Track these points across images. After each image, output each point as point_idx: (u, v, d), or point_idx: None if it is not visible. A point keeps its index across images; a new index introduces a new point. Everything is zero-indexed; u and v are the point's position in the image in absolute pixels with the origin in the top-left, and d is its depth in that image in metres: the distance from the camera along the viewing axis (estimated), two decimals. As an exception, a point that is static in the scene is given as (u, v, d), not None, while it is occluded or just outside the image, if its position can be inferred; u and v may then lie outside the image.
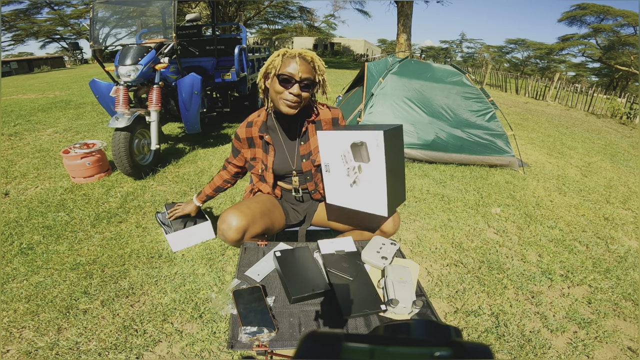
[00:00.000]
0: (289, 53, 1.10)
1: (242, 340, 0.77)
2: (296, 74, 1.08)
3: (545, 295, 1.72)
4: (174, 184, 2.76)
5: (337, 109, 1.31)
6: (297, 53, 1.09)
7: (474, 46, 43.58)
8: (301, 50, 1.11)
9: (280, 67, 1.09)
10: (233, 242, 1.16)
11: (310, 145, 1.27)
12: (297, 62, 1.07)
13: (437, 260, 1.95)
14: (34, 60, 21.16)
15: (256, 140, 1.29)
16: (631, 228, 2.53)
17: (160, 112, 3.00)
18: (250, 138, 1.30)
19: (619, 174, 3.81)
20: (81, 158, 2.66)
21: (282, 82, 1.10)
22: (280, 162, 1.28)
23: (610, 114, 8.80)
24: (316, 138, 1.26)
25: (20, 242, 1.94)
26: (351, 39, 34.30)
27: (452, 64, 3.90)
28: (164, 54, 2.97)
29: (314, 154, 1.27)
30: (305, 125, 1.26)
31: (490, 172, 3.36)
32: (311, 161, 1.27)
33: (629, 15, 19.94)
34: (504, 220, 2.45)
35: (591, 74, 30.81)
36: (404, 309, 0.86)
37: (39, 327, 1.37)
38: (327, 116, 1.28)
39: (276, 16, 26.11)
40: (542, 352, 1.38)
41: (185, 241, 1.89)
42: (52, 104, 6.14)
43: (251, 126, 1.29)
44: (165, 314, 1.46)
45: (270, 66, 1.11)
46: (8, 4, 22.07)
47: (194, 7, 10.54)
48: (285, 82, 1.09)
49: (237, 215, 1.15)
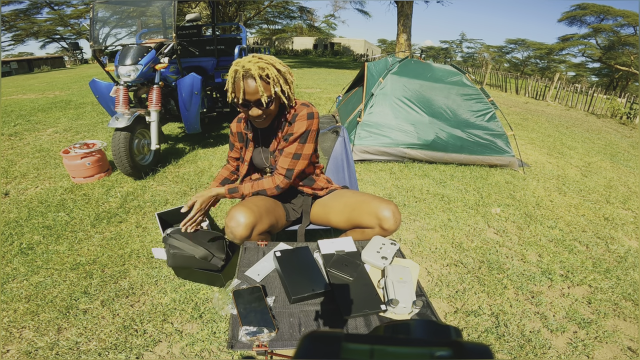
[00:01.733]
0: (238, 74, 1.06)
1: (242, 340, 0.77)
2: (250, 98, 1.08)
3: (545, 295, 1.72)
4: (174, 184, 2.76)
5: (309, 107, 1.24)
6: (242, 73, 1.05)
7: (474, 46, 43.61)
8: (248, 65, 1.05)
9: (235, 92, 1.09)
10: (241, 239, 1.16)
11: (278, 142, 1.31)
12: (246, 85, 1.06)
13: (437, 260, 1.95)
14: (34, 60, 21.17)
15: (242, 135, 1.37)
16: (631, 228, 2.53)
17: (160, 112, 3.00)
18: (239, 132, 1.38)
19: (619, 174, 3.81)
20: (81, 158, 2.66)
21: (241, 107, 1.13)
22: (257, 157, 1.36)
23: (610, 114, 8.80)
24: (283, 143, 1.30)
25: (20, 242, 1.94)
26: (351, 39, 34.29)
27: (452, 64, 3.90)
28: (164, 54, 2.97)
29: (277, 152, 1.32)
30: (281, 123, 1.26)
31: (490, 172, 3.36)
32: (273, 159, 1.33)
33: (629, 15, 19.95)
34: (504, 220, 2.45)
35: (591, 74, 30.81)
36: (404, 309, 0.86)
37: (39, 327, 1.37)
38: (301, 129, 1.22)
39: (276, 16, 26.15)
40: (542, 352, 1.38)
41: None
42: (52, 104, 6.14)
43: (240, 122, 1.37)
44: (165, 314, 1.46)
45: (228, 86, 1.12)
46: (8, 4, 22.08)
47: (194, 7, 10.54)
48: (243, 107, 1.12)
49: (245, 212, 1.15)
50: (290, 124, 1.23)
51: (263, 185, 1.29)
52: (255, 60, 1.08)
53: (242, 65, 1.07)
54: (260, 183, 1.29)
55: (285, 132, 1.25)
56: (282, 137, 1.27)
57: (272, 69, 1.08)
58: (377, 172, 3.19)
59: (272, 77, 1.08)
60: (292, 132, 1.23)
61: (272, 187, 1.28)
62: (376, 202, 1.22)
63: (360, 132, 3.33)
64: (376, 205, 1.21)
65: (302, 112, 1.22)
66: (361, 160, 3.40)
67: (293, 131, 1.22)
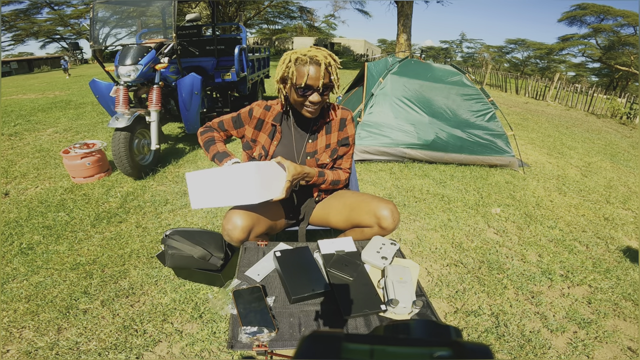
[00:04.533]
0: (301, 59, 1.08)
1: (242, 340, 0.77)
2: (314, 83, 1.09)
3: (545, 295, 1.72)
4: (174, 184, 2.76)
5: (348, 110, 1.34)
6: (309, 59, 1.08)
7: (474, 46, 43.62)
8: (313, 52, 1.09)
9: (296, 78, 1.09)
10: (239, 242, 1.16)
11: (318, 144, 1.29)
12: (313, 70, 1.08)
13: (437, 260, 1.95)
14: (34, 60, 21.18)
15: (266, 125, 1.29)
16: (631, 228, 2.53)
17: (160, 112, 3.00)
18: (261, 120, 1.28)
19: (619, 174, 3.81)
20: (81, 158, 2.66)
21: (301, 92, 1.11)
22: (286, 154, 1.28)
23: (610, 114, 8.80)
24: (324, 138, 1.29)
25: (20, 242, 1.94)
26: (351, 39, 34.27)
27: (452, 64, 3.90)
28: (164, 54, 2.97)
29: (319, 153, 1.30)
30: (317, 124, 1.28)
31: (490, 172, 3.36)
32: (315, 160, 1.30)
33: (629, 15, 19.94)
34: (504, 220, 2.45)
35: (591, 74, 30.81)
36: (404, 309, 0.86)
37: (39, 327, 1.37)
38: (337, 116, 1.31)
39: (276, 16, 26.15)
40: (542, 352, 1.38)
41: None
42: (52, 104, 6.14)
43: (268, 110, 1.28)
44: (165, 314, 1.46)
45: (285, 74, 1.12)
46: (8, 4, 22.09)
47: (194, 7, 10.54)
48: (304, 91, 1.11)
49: (242, 215, 1.15)
50: (342, 129, 1.31)
51: (339, 176, 1.34)
52: (315, 49, 1.12)
53: (303, 53, 1.09)
54: (337, 174, 1.34)
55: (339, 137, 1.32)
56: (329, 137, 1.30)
57: (332, 59, 1.12)
58: (377, 172, 3.19)
59: (332, 65, 1.12)
60: (347, 136, 1.32)
61: (343, 179, 1.36)
62: (375, 201, 1.22)
63: (360, 132, 3.33)
64: (375, 205, 1.21)
65: (349, 117, 1.32)
66: (361, 160, 3.40)
67: (348, 134, 1.32)
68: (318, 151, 1.29)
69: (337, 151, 1.32)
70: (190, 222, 2.21)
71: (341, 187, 1.39)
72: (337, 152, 1.32)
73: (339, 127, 1.31)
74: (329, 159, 1.31)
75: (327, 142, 1.30)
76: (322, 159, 1.30)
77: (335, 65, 1.12)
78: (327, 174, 1.30)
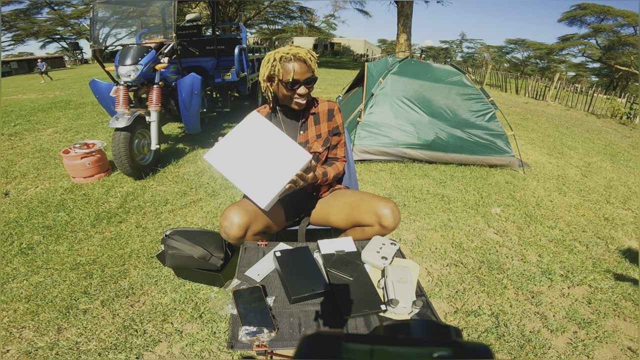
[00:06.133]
0: (284, 57, 1.18)
1: (242, 340, 0.77)
2: (300, 77, 1.19)
3: (545, 295, 1.72)
4: (174, 184, 2.76)
5: (334, 102, 1.41)
6: (292, 56, 1.18)
7: (474, 46, 43.66)
8: (295, 50, 1.19)
9: (283, 74, 1.19)
10: (235, 240, 1.16)
11: (309, 135, 1.36)
12: (297, 66, 1.18)
13: (437, 260, 1.95)
14: (34, 60, 21.17)
15: None
16: (631, 228, 2.53)
17: (160, 112, 3.00)
18: None
19: (619, 174, 3.81)
20: (81, 158, 2.66)
21: (289, 87, 1.20)
22: None
23: (610, 114, 8.80)
24: (314, 128, 1.38)
25: (20, 242, 1.94)
26: (351, 39, 34.29)
27: (452, 64, 3.90)
28: (164, 54, 2.97)
29: (311, 143, 1.36)
30: (305, 117, 1.36)
31: (490, 172, 3.36)
32: (308, 149, 1.36)
33: (629, 15, 19.95)
34: (504, 220, 2.45)
35: (591, 74, 30.83)
36: (404, 309, 0.86)
37: (39, 327, 1.38)
38: (324, 108, 1.38)
39: (276, 16, 26.13)
40: (542, 352, 1.38)
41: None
42: (52, 104, 6.14)
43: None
44: (165, 314, 1.46)
45: (272, 73, 1.21)
46: (8, 4, 22.09)
47: (194, 7, 10.54)
48: (292, 86, 1.20)
49: (239, 212, 1.15)
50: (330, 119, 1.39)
51: (338, 168, 1.41)
52: (295, 47, 1.22)
53: (285, 52, 1.19)
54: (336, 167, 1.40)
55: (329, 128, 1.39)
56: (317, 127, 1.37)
57: (311, 54, 1.23)
58: (377, 172, 3.19)
59: (313, 60, 1.23)
60: (337, 125, 1.40)
61: (342, 170, 1.43)
62: (375, 200, 1.23)
63: (360, 132, 3.33)
64: (375, 203, 1.21)
65: (336, 107, 1.39)
66: (361, 160, 3.40)
67: (337, 123, 1.40)
68: (309, 141, 1.36)
69: (329, 141, 1.40)
70: (190, 222, 2.21)
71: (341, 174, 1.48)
72: (329, 141, 1.40)
73: (328, 117, 1.38)
74: (321, 148, 1.37)
75: (318, 132, 1.37)
76: (314, 148, 1.36)
77: (314, 59, 1.24)
78: (329, 171, 1.37)
